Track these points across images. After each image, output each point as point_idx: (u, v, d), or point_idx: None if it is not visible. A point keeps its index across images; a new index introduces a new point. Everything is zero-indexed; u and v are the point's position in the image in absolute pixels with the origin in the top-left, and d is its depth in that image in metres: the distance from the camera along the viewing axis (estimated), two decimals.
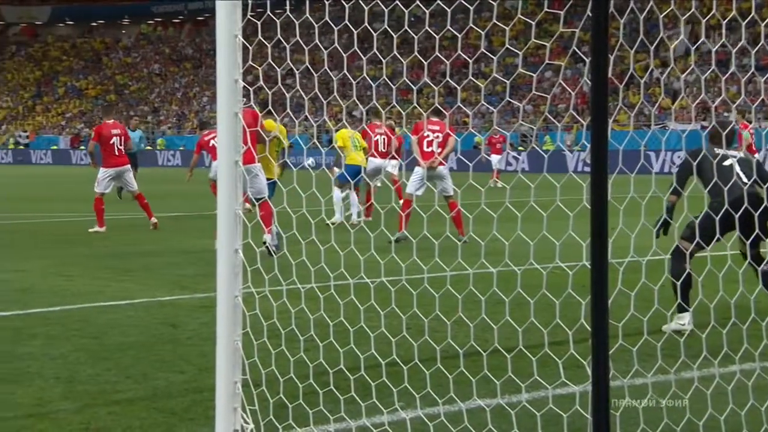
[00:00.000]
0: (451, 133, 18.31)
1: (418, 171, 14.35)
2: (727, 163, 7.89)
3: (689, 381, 5.51)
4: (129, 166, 18.10)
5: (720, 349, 5.47)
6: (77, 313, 9.30)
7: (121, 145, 17.58)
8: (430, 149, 14.33)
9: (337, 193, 16.64)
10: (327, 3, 5.50)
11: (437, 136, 14.45)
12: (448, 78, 11.66)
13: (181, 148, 60.32)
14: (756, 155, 21.15)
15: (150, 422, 5.60)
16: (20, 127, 73.82)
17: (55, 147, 67.96)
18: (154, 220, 17.52)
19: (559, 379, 5.48)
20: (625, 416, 4.81)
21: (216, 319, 5.18)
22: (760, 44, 5.87)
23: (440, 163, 14.20)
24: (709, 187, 7.11)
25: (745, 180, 7.70)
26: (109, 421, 5.64)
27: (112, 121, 18.52)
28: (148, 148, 63.54)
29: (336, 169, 17.84)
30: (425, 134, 14.40)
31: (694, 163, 7.89)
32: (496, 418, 5.10)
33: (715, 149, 7.94)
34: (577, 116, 29.29)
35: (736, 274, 6.25)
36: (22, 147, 68.47)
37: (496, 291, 5.16)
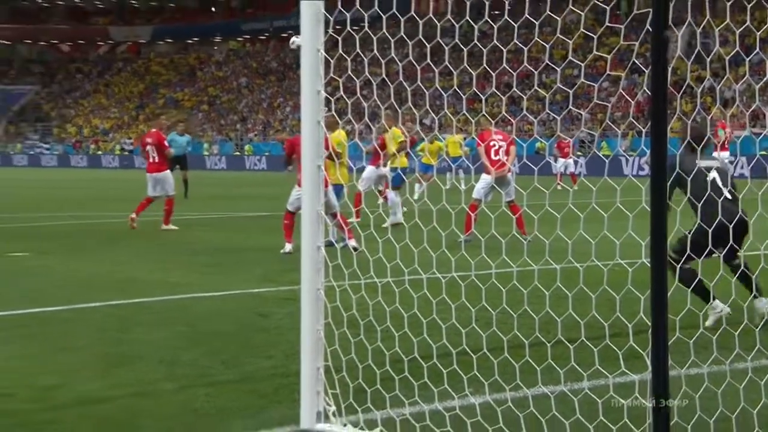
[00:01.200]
0: (513, 142, 18.05)
1: (486, 178, 14.19)
2: (710, 177, 7.46)
3: (743, 371, 5.41)
4: (165, 172, 17.34)
5: None
6: (175, 302, 9.43)
7: (155, 153, 17.15)
8: (497, 157, 14.22)
9: (391, 195, 16.46)
10: (402, 19, 5.51)
11: (502, 145, 14.39)
12: (514, 88, 11.58)
13: (266, 154, 60.80)
14: (727, 152, 20.69)
15: (241, 403, 5.66)
16: (125, 135, 75.05)
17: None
18: (172, 227, 16.96)
19: (619, 368, 5.42)
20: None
21: (300, 309, 5.23)
22: None
23: (508, 171, 14.12)
24: (695, 200, 6.88)
25: (727, 195, 7.35)
26: (205, 402, 5.70)
27: (155, 130, 18.27)
28: (236, 153, 64.45)
29: (389, 173, 17.39)
30: (491, 143, 14.28)
31: (688, 178, 7.14)
32: (559, 405, 5.05)
33: (696, 161, 7.35)
34: (635, 123, 28.92)
35: None
36: (126, 153, 69.54)
37: (560, 286, 5.13)
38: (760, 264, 6.34)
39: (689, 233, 6.96)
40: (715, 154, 20.68)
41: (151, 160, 17.20)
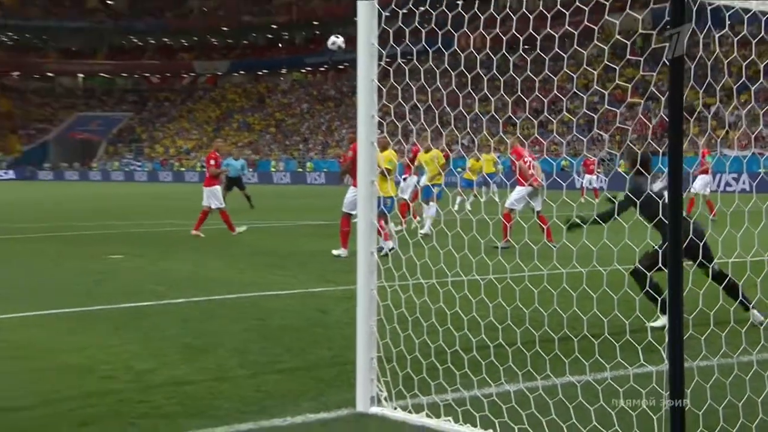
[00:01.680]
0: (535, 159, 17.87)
1: (521, 190, 14.06)
2: (664, 200, 7.12)
3: (749, 364, 5.28)
4: (215, 187, 17.25)
5: None
6: (247, 299, 9.44)
7: (206, 170, 17.35)
8: (531, 172, 14.11)
9: (429, 208, 16.31)
10: (446, 53, 5.47)
11: (534, 162, 14.31)
12: (544, 113, 11.48)
13: (325, 171, 61.02)
14: (708, 175, 20.53)
15: (305, 388, 5.64)
16: (204, 154, 75.78)
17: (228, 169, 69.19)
18: (198, 233, 16.77)
19: (638, 360, 5.34)
20: (695, 393, 4.62)
21: (356, 307, 5.21)
22: None
23: (540, 183, 14.02)
24: (650, 221, 6.61)
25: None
26: (273, 386, 5.69)
27: (212, 150, 18.28)
28: (299, 170, 64.71)
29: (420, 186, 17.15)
30: (526, 159, 14.16)
31: (639, 201, 6.60)
32: (584, 392, 4.97)
33: (650, 184, 7.04)
34: (651, 144, 28.72)
35: None
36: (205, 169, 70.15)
37: (586, 288, 5.04)
38: (746, 273, 6.21)
39: (659, 248, 6.46)
40: (700, 177, 20.63)
41: (207, 175, 17.41)
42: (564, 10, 4.88)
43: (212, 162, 17.45)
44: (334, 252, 13.05)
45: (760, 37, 5.22)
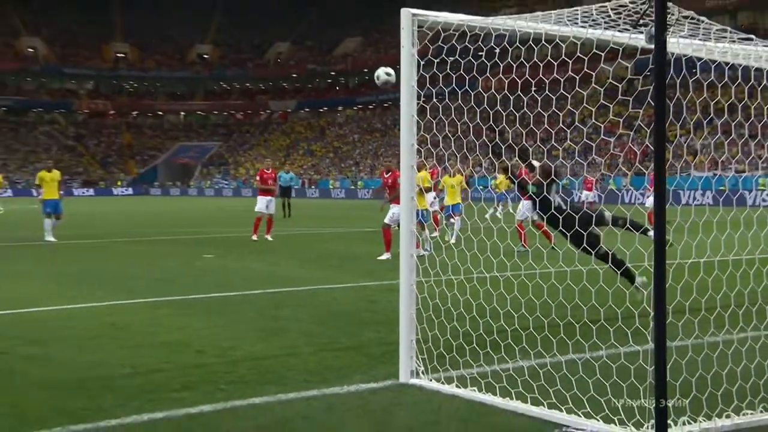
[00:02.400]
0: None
1: (527, 203, 13.91)
2: (556, 202, 6.97)
3: (715, 344, 5.14)
4: (259, 197, 17.21)
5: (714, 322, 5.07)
6: (311, 291, 9.45)
7: (264, 183, 17.26)
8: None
9: (454, 223, 15.96)
10: (472, 93, 5.44)
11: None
12: (552, 142, 11.37)
13: (372, 188, 61.01)
14: (592, 192, 20.09)
15: (358, 363, 5.62)
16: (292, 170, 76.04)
17: (297, 187, 69.65)
18: (268, 237, 16.68)
19: (628, 342, 5.24)
20: (672, 367, 4.50)
21: (399, 298, 5.18)
22: (750, 120, 5.53)
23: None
24: (547, 217, 6.61)
25: (568, 210, 6.75)
26: (333, 361, 5.68)
27: (271, 169, 18.05)
28: (352, 187, 64.87)
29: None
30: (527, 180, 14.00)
31: (537, 200, 6.95)
32: (584, 368, 4.88)
33: (553, 194, 6.99)
34: (639, 166, 28.53)
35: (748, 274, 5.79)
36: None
37: (586, 284, 4.95)
38: (714, 270, 6.04)
39: (573, 237, 6.24)
40: (586, 192, 20.19)
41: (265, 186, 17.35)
42: (567, 59, 4.83)
43: (263, 177, 17.47)
44: (379, 258, 12.94)
45: (724, 82, 5.14)
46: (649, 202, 20.24)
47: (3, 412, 4.41)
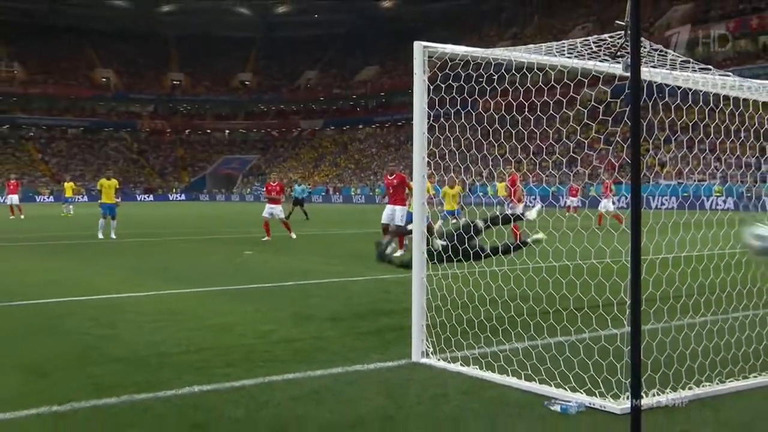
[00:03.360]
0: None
1: (519, 207, 13.88)
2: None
3: (681, 327, 5.08)
4: (278, 205, 17.01)
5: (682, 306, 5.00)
6: (336, 283, 9.43)
7: (268, 194, 17.19)
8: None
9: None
10: (474, 113, 5.43)
11: (520, 186, 14.36)
12: (543, 155, 11.40)
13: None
14: (609, 198, 19.75)
15: (375, 344, 5.61)
16: (305, 183, 76.24)
17: (305, 196, 68.99)
18: (293, 235, 16.65)
19: (608, 326, 5.20)
20: (644, 348, 4.46)
21: (411, 289, 5.17)
22: (710, 137, 5.50)
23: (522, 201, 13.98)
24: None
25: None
26: (354, 343, 5.68)
27: (276, 182, 17.86)
28: (370, 193, 64.83)
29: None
30: (518, 186, 14.16)
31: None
32: (571, 348, 4.84)
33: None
34: (615, 176, 28.57)
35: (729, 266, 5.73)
36: (307, 194, 70.42)
37: (572, 277, 4.91)
38: (680, 265, 5.97)
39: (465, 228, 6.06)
40: (572, 198, 19.87)
41: (270, 196, 17.31)
42: (555, 85, 4.81)
43: (271, 187, 17.39)
44: (395, 255, 12.85)
45: (688, 105, 5.12)
46: (602, 204, 20.17)
47: (84, 382, 4.52)
